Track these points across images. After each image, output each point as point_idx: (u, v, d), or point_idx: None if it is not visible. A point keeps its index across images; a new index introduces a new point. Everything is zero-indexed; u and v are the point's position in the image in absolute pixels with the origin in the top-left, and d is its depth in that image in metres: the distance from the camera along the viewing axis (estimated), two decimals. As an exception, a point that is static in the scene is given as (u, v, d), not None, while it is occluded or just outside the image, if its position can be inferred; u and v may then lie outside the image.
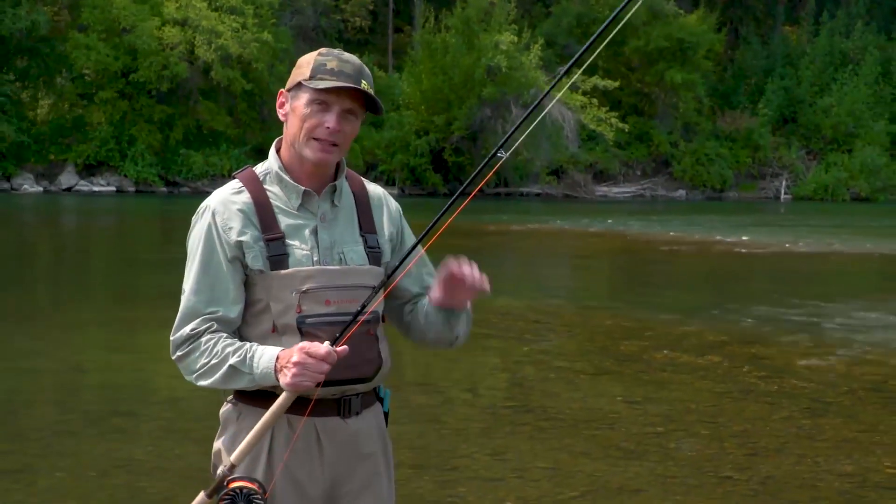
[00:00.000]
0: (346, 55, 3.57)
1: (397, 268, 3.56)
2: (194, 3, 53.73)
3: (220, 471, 3.43)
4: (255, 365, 3.40)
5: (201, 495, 3.47)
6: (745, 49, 79.51)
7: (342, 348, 3.33)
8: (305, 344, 3.32)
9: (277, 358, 3.36)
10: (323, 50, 3.60)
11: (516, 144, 3.71)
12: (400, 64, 67.00)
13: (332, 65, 3.49)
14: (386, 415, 3.80)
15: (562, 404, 10.21)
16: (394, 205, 3.84)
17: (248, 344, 3.46)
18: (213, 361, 3.44)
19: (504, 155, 3.50)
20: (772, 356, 13.00)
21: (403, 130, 58.25)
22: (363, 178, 3.83)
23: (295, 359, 3.29)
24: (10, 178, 50.57)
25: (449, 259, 3.55)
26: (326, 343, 3.32)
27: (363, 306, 3.42)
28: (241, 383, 3.45)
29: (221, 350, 3.44)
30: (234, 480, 3.39)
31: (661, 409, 10.04)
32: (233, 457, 3.41)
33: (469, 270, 3.52)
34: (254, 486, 3.38)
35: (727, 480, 7.80)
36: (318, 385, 3.33)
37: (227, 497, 3.38)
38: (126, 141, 53.14)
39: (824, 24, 78.62)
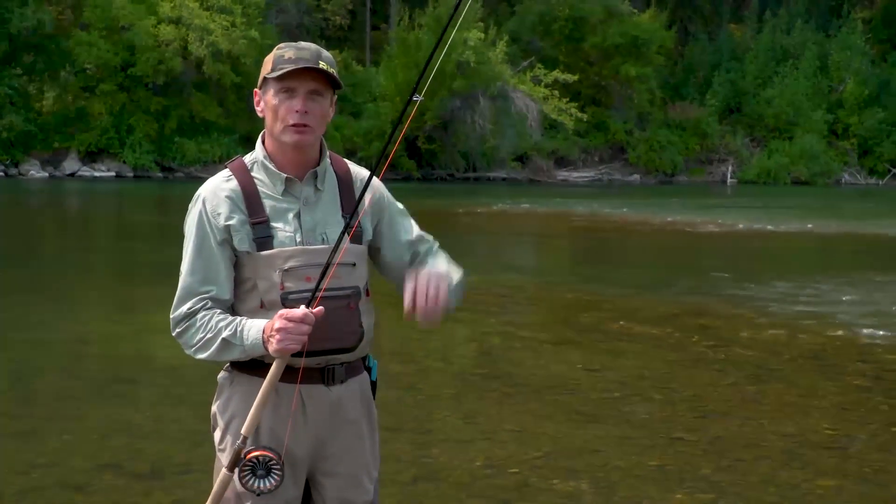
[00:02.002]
0: (303, 43, 3.57)
1: (352, 216, 3.51)
2: (187, 2, 53.39)
3: (235, 445, 3.44)
4: (244, 337, 3.42)
5: (223, 471, 3.46)
6: (694, 45, 79.51)
7: (318, 309, 3.34)
8: (284, 311, 3.34)
9: (263, 330, 3.38)
10: (281, 44, 3.59)
11: (425, 88, 3.68)
12: (377, 59, 66.64)
13: (289, 55, 3.50)
14: (374, 384, 3.80)
15: (526, 371, 10.22)
16: (379, 192, 3.75)
17: (238, 318, 3.48)
18: (208, 336, 3.47)
19: (419, 97, 3.56)
20: (719, 327, 13.04)
21: (380, 120, 57.96)
22: (349, 162, 3.81)
23: (277, 325, 3.31)
24: (18, 164, 50.26)
25: (409, 282, 3.52)
26: (302, 307, 3.34)
27: (327, 266, 3.38)
28: (234, 354, 3.47)
29: (215, 325, 3.47)
30: (251, 451, 3.40)
31: (618, 376, 10.06)
32: (244, 429, 3.42)
33: (423, 303, 3.47)
34: (269, 454, 3.40)
35: (678, 441, 7.83)
36: (303, 353, 3.35)
37: (246, 467, 3.39)
38: (125, 130, 52.79)
39: (767, 21, 78.59)
